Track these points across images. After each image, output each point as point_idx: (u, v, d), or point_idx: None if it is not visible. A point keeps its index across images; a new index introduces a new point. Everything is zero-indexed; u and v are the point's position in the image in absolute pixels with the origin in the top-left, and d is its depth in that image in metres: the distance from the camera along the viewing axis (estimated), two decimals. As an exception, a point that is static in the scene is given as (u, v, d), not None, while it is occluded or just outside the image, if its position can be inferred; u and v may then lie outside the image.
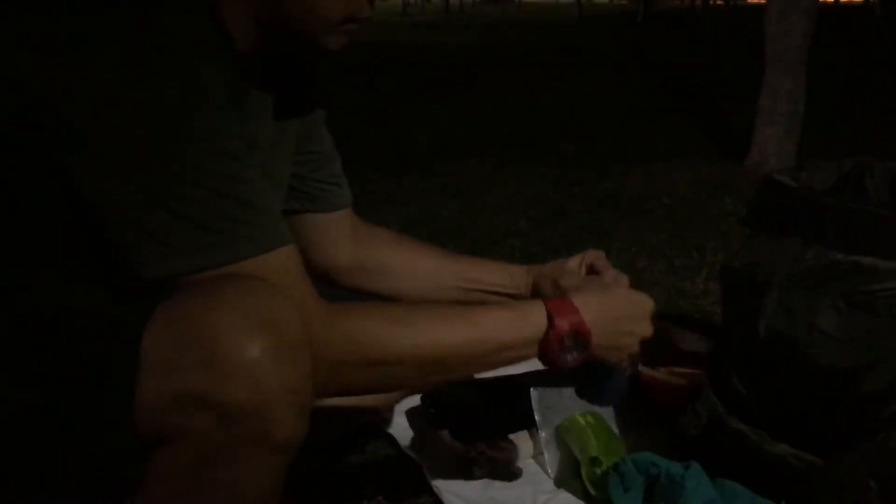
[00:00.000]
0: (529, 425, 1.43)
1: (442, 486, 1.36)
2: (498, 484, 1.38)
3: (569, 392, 1.42)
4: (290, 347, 0.80)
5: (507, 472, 1.38)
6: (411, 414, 1.53)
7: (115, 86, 0.78)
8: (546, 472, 1.41)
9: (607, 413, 1.44)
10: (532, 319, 1.04)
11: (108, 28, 0.79)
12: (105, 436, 0.79)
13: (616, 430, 1.43)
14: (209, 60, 0.84)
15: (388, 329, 0.96)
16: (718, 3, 36.03)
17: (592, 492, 1.31)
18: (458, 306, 1.09)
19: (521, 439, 1.44)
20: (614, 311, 1.10)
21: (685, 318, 2.04)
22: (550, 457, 1.41)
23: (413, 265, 1.34)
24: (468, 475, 1.39)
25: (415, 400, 1.53)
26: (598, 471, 1.31)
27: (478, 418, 1.42)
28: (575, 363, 1.06)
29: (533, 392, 1.40)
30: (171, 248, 0.81)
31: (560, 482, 1.38)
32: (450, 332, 1.00)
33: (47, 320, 0.86)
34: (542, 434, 1.41)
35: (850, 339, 1.14)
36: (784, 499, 1.20)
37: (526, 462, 1.44)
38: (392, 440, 1.51)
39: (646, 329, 1.13)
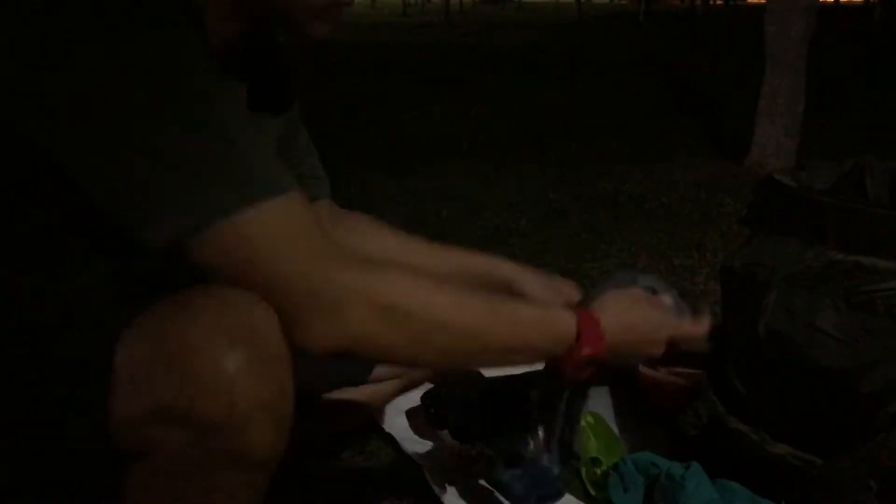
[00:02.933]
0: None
1: (442, 486, 1.36)
2: (498, 484, 1.38)
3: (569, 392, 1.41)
4: (265, 362, 0.79)
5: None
6: (411, 414, 1.53)
7: (99, 66, 0.74)
8: (546, 472, 1.40)
9: (607, 413, 1.44)
10: (561, 328, 1.00)
11: (88, 23, 0.75)
12: (80, 450, 0.78)
13: (616, 430, 1.43)
14: (194, 56, 0.81)
15: (432, 290, 0.91)
16: (718, 3, 36.02)
17: (592, 492, 1.31)
18: (493, 293, 1.04)
19: (521, 439, 1.44)
20: (636, 334, 1.09)
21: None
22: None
23: (393, 254, 1.33)
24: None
25: (415, 400, 1.53)
26: (598, 471, 1.31)
27: (478, 418, 1.42)
28: (581, 377, 1.06)
29: (533, 392, 1.40)
30: (168, 205, 0.76)
31: (560, 482, 1.38)
32: (486, 310, 0.94)
33: (18, 330, 0.84)
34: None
35: (850, 339, 1.14)
36: (784, 499, 1.20)
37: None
38: (392, 440, 1.51)
39: (658, 351, 1.12)
